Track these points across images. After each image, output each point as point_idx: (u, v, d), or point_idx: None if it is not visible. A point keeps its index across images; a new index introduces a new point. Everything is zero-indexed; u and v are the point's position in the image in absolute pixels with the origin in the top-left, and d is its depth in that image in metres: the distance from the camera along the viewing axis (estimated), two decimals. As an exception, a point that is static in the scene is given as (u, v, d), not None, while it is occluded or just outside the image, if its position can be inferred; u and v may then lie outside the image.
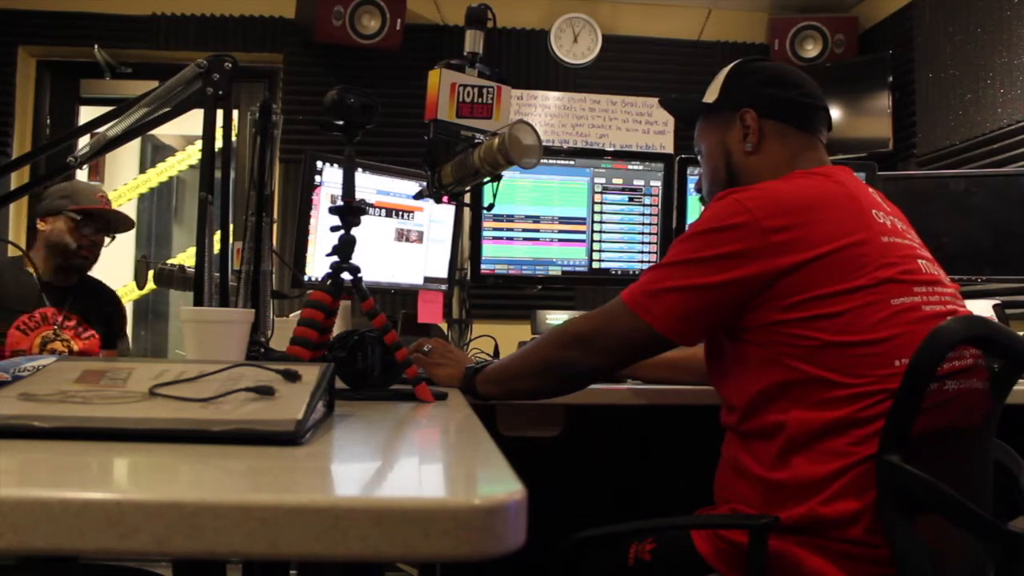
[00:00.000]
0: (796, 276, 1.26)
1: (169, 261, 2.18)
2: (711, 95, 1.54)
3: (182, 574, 1.80)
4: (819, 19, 4.35)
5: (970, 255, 2.46)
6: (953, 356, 1.20)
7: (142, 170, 5.37)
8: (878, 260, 1.27)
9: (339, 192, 1.37)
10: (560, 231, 2.30)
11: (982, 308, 2.22)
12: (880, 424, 1.19)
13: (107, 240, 2.62)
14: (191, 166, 5.22)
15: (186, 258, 2.68)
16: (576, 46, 4.47)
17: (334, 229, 1.33)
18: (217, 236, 1.36)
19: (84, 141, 1.46)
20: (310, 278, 2.04)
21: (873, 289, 1.25)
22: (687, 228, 1.43)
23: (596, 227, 2.32)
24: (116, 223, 2.63)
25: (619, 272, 2.33)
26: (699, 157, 1.58)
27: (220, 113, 1.32)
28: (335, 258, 1.32)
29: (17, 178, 3.72)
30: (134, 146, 5.48)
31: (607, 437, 2.05)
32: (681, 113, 1.73)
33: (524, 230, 2.28)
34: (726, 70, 1.54)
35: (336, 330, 1.40)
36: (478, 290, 2.34)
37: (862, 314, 1.24)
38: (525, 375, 1.49)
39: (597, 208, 2.32)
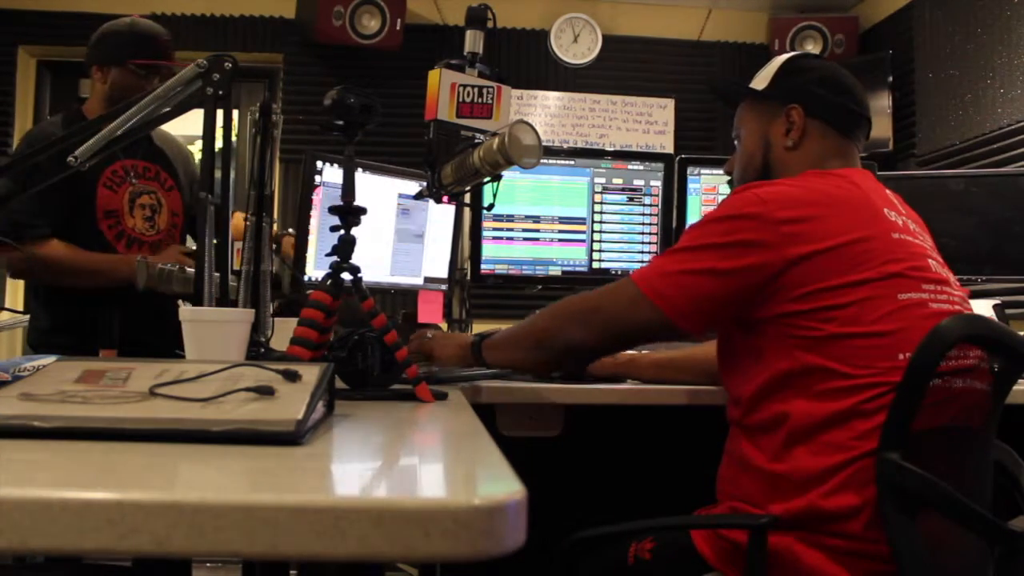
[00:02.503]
0: (805, 267, 1.27)
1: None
2: (761, 82, 1.54)
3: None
4: (819, 19, 4.35)
5: (970, 255, 2.46)
6: (956, 355, 1.20)
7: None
8: (887, 255, 1.29)
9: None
10: (560, 231, 2.30)
11: (982, 308, 2.22)
12: (882, 417, 1.20)
13: None
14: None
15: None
16: (576, 46, 4.47)
17: (334, 229, 1.33)
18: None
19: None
20: (310, 278, 2.04)
21: (880, 282, 1.27)
22: (709, 213, 1.43)
23: (596, 227, 2.32)
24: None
25: (619, 272, 2.33)
26: (735, 141, 1.60)
27: (220, 113, 1.32)
28: (335, 258, 1.32)
29: (17, 178, 3.72)
30: (134, 146, 5.46)
31: (607, 437, 2.05)
32: (726, 94, 1.70)
33: (524, 230, 2.28)
34: (780, 61, 1.54)
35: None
36: (478, 290, 2.34)
37: (869, 306, 1.25)
38: (523, 346, 1.51)
39: (597, 208, 2.32)
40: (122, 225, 2.22)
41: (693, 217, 2.33)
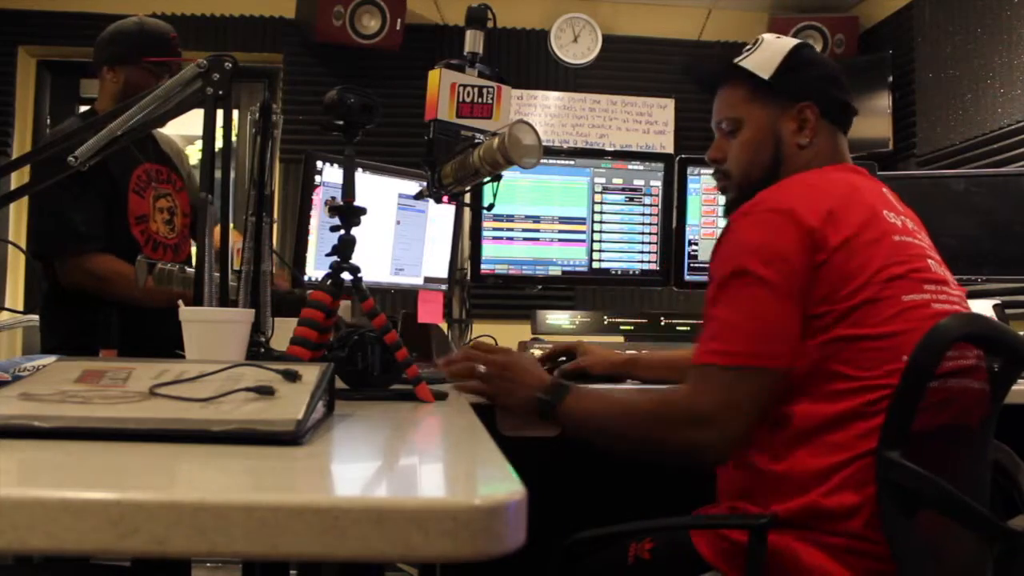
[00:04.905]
0: (821, 271, 1.27)
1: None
2: (764, 70, 1.46)
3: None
4: (819, 19, 4.35)
5: (970, 255, 2.46)
6: (955, 355, 1.20)
7: (142, 170, 5.37)
8: (889, 258, 1.29)
9: (339, 193, 1.38)
10: (560, 231, 2.30)
11: (982, 308, 2.22)
12: (883, 418, 1.20)
13: None
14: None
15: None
16: (576, 46, 4.47)
17: (334, 229, 1.33)
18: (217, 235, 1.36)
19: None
20: (310, 278, 2.04)
21: (886, 284, 1.27)
22: (723, 246, 1.34)
23: (596, 227, 2.32)
24: None
25: (619, 272, 2.33)
26: (726, 128, 1.51)
27: (220, 113, 1.32)
28: (335, 258, 1.32)
29: (17, 178, 3.72)
30: (134, 146, 5.46)
31: (607, 437, 2.04)
32: (712, 77, 1.60)
33: (524, 230, 2.28)
34: (784, 50, 1.46)
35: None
36: (478, 290, 2.34)
37: (873, 309, 1.26)
38: (637, 451, 1.42)
39: (597, 208, 2.32)
40: (150, 230, 2.25)
41: (693, 217, 2.33)
